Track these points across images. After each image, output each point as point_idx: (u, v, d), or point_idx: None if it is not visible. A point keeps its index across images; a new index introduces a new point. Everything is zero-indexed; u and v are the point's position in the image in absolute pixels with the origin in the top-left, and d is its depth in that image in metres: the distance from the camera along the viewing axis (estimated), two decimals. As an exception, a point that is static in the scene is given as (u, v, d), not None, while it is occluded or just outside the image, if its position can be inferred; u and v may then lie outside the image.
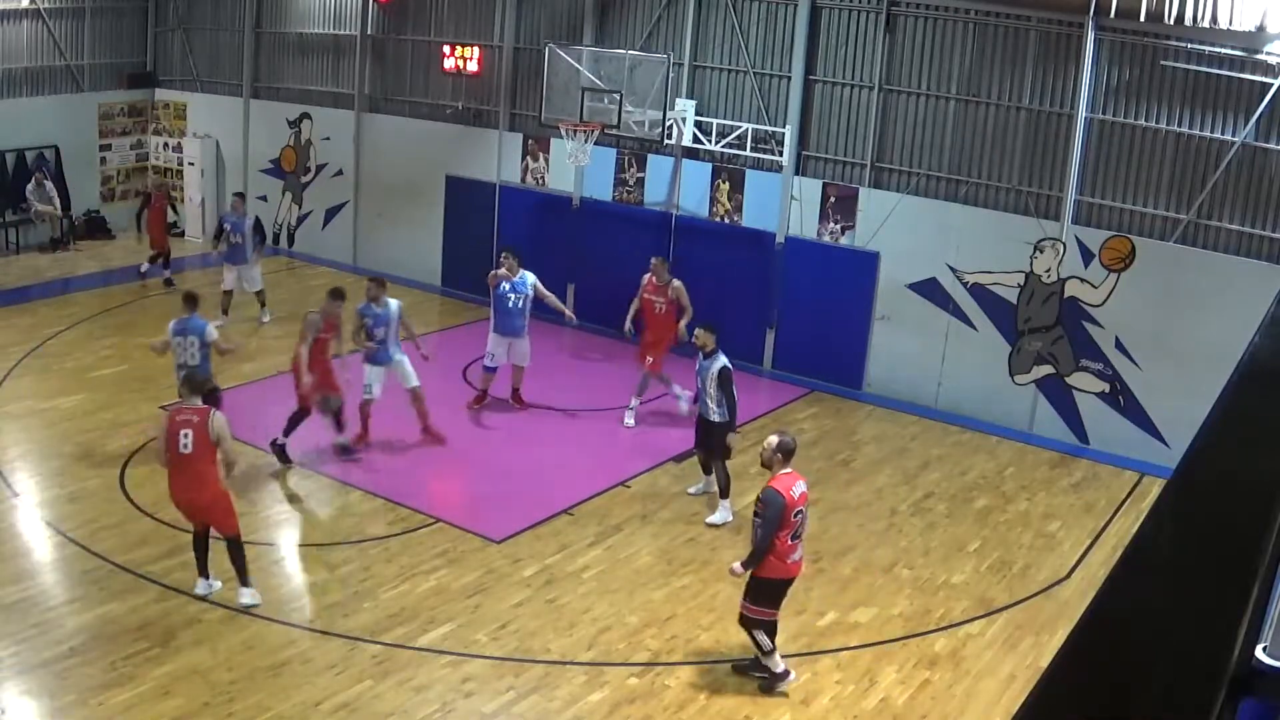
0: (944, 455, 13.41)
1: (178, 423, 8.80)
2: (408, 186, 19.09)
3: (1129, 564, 1.63)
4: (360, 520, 10.80)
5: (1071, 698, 1.34)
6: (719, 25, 15.96)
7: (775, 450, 8.23)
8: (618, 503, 11.50)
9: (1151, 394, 13.42)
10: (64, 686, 7.83)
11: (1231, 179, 12.86)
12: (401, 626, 8.92)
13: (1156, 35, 12.92)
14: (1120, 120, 13.42)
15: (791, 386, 15.36)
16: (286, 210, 20.58)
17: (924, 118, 14.68)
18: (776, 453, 8.22)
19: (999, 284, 14.29)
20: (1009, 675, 8.86)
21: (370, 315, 12.13)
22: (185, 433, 8.76)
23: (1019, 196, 14.18)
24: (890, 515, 11.68)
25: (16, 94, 19.67)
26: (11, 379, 13.74)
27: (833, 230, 15.36)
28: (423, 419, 12.40)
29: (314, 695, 7.96)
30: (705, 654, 8.91)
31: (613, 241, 17.00)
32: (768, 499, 8.04)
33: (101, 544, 9.73)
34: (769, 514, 8.01)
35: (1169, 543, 1.70)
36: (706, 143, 15.77)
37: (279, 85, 20.57)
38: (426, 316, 17.73)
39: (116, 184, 21.54)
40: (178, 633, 8.60)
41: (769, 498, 8.04)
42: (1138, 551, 1.71)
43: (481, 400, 13.74)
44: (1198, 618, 1.45)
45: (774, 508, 7.99)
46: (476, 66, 17.82)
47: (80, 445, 11.97)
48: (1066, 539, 11.39)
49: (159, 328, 16.05)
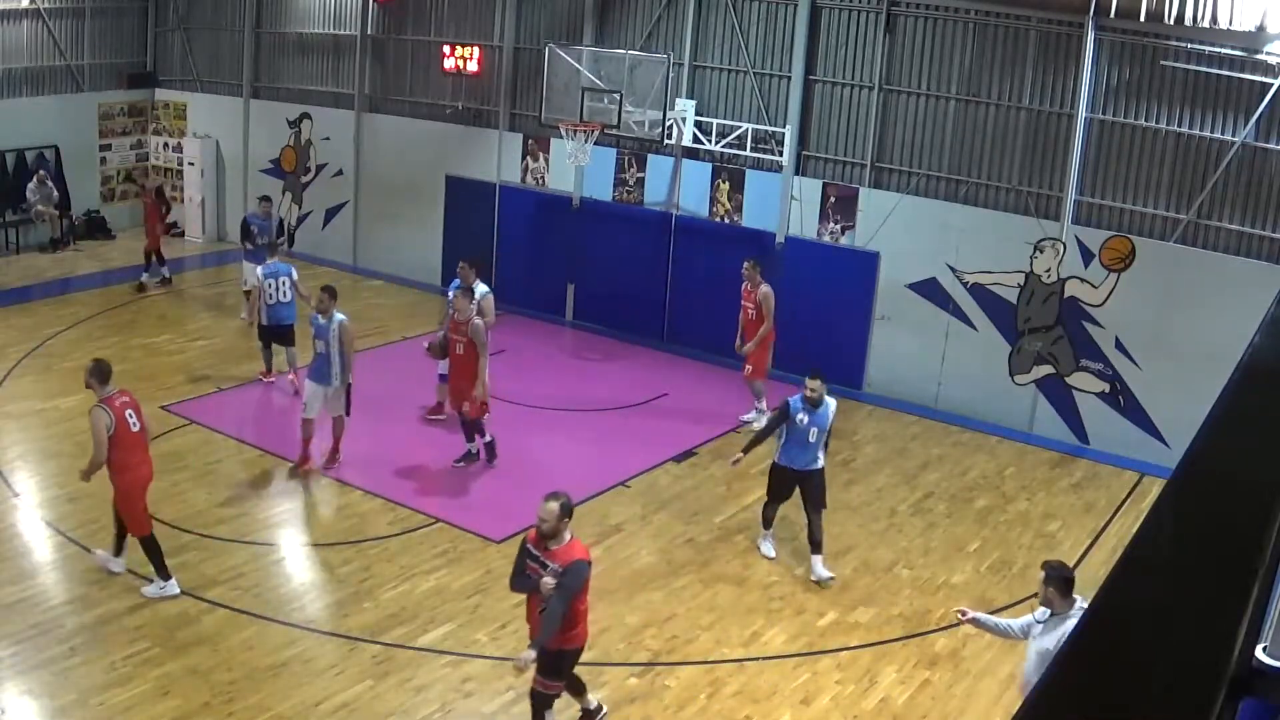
0: (944, 455, 13.41)
1: (120, 406, 8.92)
2: (408, 186, 19.09)
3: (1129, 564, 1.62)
4: (360, 520, 10.80)
5: (1071, 698, 1.34)
6: (719, 25, 15.96)
7: (561, 515, 7.04)
8: (618, 503, 11.50)
9: (1151, 394, 13.42)
10: (64, 686, 7.83)
11: (1231, 179, 12.86)
12: (401, 626, 8.93)
13: (1156, 35, 12.92)
14: (1120, 120, 13.41)
15: (792, 386, 15.31)
16: (286, 210, 20.56)
17: (924, 118, 14.68)
18: (564, 517, 7.07)
19: (999, 284, 14.29)
20: (1009, 675, 8.85)
21: (314, 324, 11.55)
22: (130, 413, 8.98)
23: (1019, 196, 14.18)
24: (890, 515, 11.68)
25: (16, 94, 19.67)
26: (11, 379, 13.74)
27: (833, 230, 15.36)
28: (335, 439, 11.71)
29: (314, 695, 7.96)
30: (705, 654, 8.91)
31: (613, 241, 17.02)
32: (576, 569, 7.00)
33: (102, 544, 9.73)
34: (575, 584, 7.01)
35: (1169, 543, 1.70)
36: (706, 143, 15.77)
37: (279, 85, 20.56)
38: (427, 316, 17.76)
39: (116, 184, 21.54)
40: (177, 633, 8.60)
41: (577, 568, 7.01)
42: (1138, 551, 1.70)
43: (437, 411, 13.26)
44: (1198, 618, 1.45)
45: (580, 578, 7.04)
46: (476, 66, 17.82)
47: (80, 445, 11.90)
48: (1066, 539, 11.39)
49: (159, 328, 16.14)
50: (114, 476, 8.98)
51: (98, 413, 8.81)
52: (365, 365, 14.75)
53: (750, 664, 8.81)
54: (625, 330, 16.93)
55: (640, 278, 16.90)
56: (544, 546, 7.03)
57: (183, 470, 11.51)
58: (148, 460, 9.22)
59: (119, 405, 8.91)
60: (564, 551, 7.01)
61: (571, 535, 7.12)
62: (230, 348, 15.25)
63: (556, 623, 6.91)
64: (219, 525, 10.38)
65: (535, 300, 17.81)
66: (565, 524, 7.05)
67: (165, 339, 15.53)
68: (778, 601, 9.78)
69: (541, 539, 7.04)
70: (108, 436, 8.76)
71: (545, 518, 6.98)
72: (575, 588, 6.98)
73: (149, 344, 15.29)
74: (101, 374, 8.98)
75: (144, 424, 9.12)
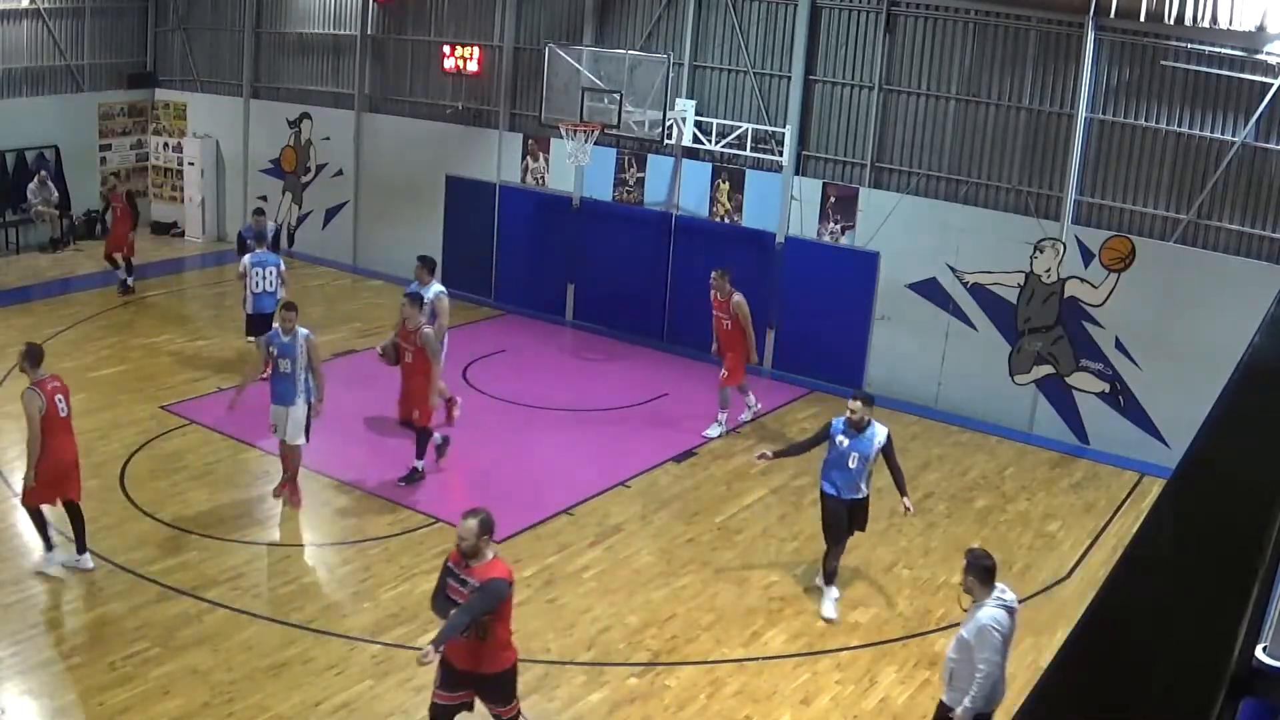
0: (944, 455, 13.40)
1: (51, 390, 9.09)
2: (408, 186, 19.10)
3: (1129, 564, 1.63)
4: (360, 520, 10.80)
5: (1071, 698, 1.34)
6: (719, 25, 15.97)
7: (481, 532, 6.76)
8: (618, 503, 11.50)
9: (1151, 394, 13.42)
10: (64, 686, 7.84)
11: (1231, 179, 12.86)
12: (401, 626, 8.93)
13: (1156, 35, 12.92)
14: (1120, 120, 13.42)
15: (791, 386, 15.37)
16: (286, 210, 20.57)
17: (924, 118, 14.68)
18: (484, 534, 6.79)
19: (999, 284, 14.30)
20: (1009, 675, 8.84)
21: (276, 343, 10.62)
22: (60, 398, 9.14)
23: (1019, 196, 14.18)
24: (890, 515, 11.66)
25: (16, 94, 19.67)
26: (12, 379, 13.73)
27: (833, 230, 15.37)
28: (288, 474, 10.86)
29: (314, 695, 7.96)
30: (705, 654, 8.91)
31: (613, 241, 17.02)
32: (492, 587, 6.69)
33: (101, 544, 9.73)
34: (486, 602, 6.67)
35: (1169, 543, 1.70)
36: (706, 143, 15.77)
37: (279, 85, 20.57)
38: (426, 316, 17.76)
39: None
40: (178, 633, 8.60)
41: (493, 586, 6.70)
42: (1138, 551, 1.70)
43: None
44: (1198, 618, 1.45)
45: (494, 597, 6.71)
46: (476, 66, 17.82)
47: (80, 445, 11.91)
48: (1066, 539, 11.39)
49: (159, 328, 16.14)
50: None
51: (29, 395, 9.01)
52: (366, 365, 14.77)
53: (750, 664, 8.81)
54: (625, 330, 16.93)
55: (640, 278, 16.90)
56: (465, 565, 6.82)
57: (182, 470, 11.51)
58: (73, 446, 9.41)
59: (50, 390, 9.11)
60: (484, 569, 6.78)
61: (494, 554, 6.91)
62: (231, 348, 15.24)
63: (455, 632, 6.60)
64: (219, 525, 10.38)
65: (535, 300, 17.81)
66: (486, 541, 6.82)
67: (165, 339, 15.52)
68: (778, 601, 9.78)
69: (463, 557, 6.82)
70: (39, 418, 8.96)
71: (464, 535, 6.76)
72: (486, 606, 6.67)
73: (149, 344, 15.29)
74: (34, 357, 9.20)
75: (70, 410, 9.31)
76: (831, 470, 9.46)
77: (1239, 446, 2.14)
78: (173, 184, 21.63)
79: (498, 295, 18.34)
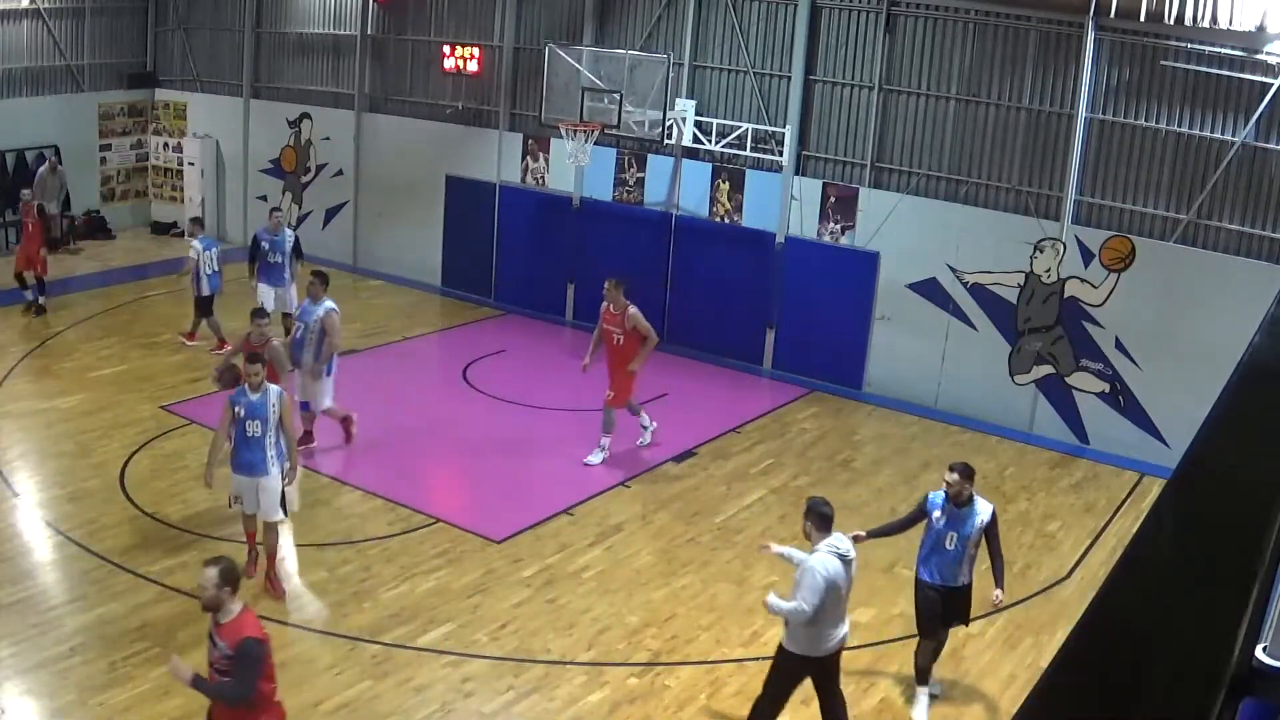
0: (944, 455, 13.35)
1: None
2: (408, 186, 19.09)
3: (1129, 564, 1.63)
4: (360, 520, 10.80)
5: (1071, 698, 1.34)
6: (719, 25, 15.96)
7: (222, 582, 5.90)
8: (618, 503, 11.50)
9: (1151, 394, 13.42)
10: (64, 686, 7.83)
11: (1231, 179, 12.86)
12: (401, 626, 8.93)
13: (1156, 35, 12.92)
14: (1120, 120, 13.42)
15: (791, 386, 15.36)
16: (286, 210, 20.56)
17: (924, 118, 14.68)
18: (225, 585, 5.92)
19: (999, 284, 14.30)
20: (1009, 675, 8.86)
21: (243, 403, 9.04)
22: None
23: (1019, 196, 14.18)
24: (890, 515, 11.63)
25: (16, 94, 19.67)
26: (11, 379, 13.73)
27: (833, 230, 15.37)
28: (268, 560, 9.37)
29: (314, 695, 7.96)
30: (705, 654, 8.91)
31: (613, 241, 17.01)
32: (247, 651, 5.84)
33: (101, 544, 9.74)
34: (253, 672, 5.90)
35: (1169, 543, 1.70)
36: (706, 143, 15.77)
37: (279, 85, 20.56)
38: (427, 316, 17.78)
39: (117, 184, 21.55)
40: (178, 633, 8.59)
41: (249, 649, 5.85)
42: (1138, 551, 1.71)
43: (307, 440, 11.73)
44: (1198, 618, 1.45)
45: (256, 662, 5.91)
46: (476, 66, 17.82)
47: (80, 445, 11.96)
48: (1066, 539, 11.39)
49: (159, 328, 16.12)
50: None
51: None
52: (366, 365, 14.78)
53: (750, 664, 8.80)
54: (625, 330, 16.90)
55: (640, 278, 16.88)
56: (215, 621, 5.97)
57: (182, 470, 11.50)
58: None
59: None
60: (233, 628, 5.89)
61: (242, 607, 6.03)
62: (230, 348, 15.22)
63: (224, 698, 5.95)
64: (219, 525, 10.37)
65: (535, 300, 17.82)
66: (228, 594, 5.90)
67: (165, 339, 15.52)
68: (778, 601, 9.77)
69: (206, 612, 6.02)
70: None
71: (204, 585, 5.88)
72: (250, 679, 5.85)
73: (149, 344, 15.28)
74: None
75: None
76: (928, 553, 8.23)
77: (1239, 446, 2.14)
78: (173, 184, 21.63)
79: (498, 295, 18.34)
